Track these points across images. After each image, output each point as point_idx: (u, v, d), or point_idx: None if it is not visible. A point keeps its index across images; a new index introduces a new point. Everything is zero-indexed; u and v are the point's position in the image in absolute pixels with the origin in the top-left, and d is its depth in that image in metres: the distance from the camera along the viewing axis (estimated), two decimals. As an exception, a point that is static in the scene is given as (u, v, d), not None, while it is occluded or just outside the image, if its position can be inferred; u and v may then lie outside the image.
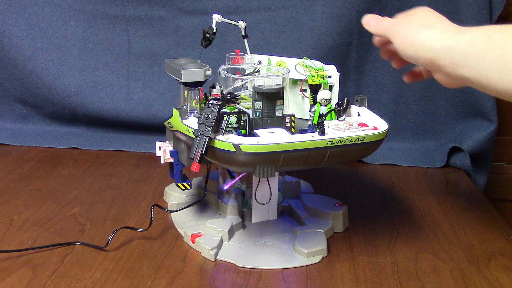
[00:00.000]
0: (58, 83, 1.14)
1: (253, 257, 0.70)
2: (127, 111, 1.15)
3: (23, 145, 1.13)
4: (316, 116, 0.72)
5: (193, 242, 0.72)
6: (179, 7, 1.12)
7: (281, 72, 0.71)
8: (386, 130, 0.68)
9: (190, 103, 0.70)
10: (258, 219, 0.78)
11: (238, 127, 0.69)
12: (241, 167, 0.65)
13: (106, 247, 0.71)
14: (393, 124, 1.04)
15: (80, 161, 1.05)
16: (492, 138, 1.07)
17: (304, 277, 0.66)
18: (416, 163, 1.08)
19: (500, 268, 0.69)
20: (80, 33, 1.14)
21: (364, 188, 0.96)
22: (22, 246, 0.71)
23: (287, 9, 1.09)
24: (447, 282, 0.66)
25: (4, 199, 0.86)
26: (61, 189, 0.91)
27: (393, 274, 0.67)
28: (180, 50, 1.14)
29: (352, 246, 0.74)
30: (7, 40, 1.13)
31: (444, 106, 1.11)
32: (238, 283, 0.64)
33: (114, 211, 0.83)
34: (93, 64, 1.15)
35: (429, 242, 0.76)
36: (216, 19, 0.75)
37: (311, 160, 0.64)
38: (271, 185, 0.76)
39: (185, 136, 0.69)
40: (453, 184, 1.00)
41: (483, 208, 0.89)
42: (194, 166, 0.62)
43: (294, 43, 1.09)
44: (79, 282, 0.63)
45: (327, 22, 1.07)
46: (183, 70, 0.67)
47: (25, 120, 1.20)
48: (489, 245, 0.75)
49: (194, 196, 0.85)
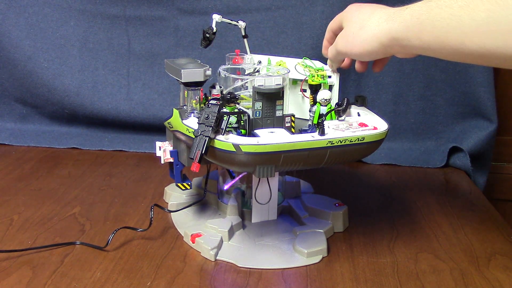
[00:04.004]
0: (58, 83, 1.14)
1: (253, 257, 0.70)
2: (127, 111, 1.15)
3: (23, 145, 1.13)
4: (316, 116, 0.72)
5: (193, 242, 0.72)
6: (179, 7, 1.12)
7: (281, 72, 0.71)
8: (386, 130, 0.68)
9: (190, 103, 0.70)
10: (258, 219, 0.78)
11: (238, 127, 0.69)
12: (241, 167, 0.65)
13: (106, 247, 0.71)
14: (393, 124, 1.04)
15: (80, 161, 1.05)
16: (492, 138, 1.07)
17: (304, 277, 0.66)
18: (416, 163, 1.08)
19: (500, 268, 0.69)
20: (80, 33, 1.14)
21: (364, 188, 0.96)
22: (22, 246, 0.71)
23: (287, 9, 1.09)
24: (447, 282, 0.66)
25: (4, 199, 0.86)
26: (61, 189, 0.91)
27: (393, 274, 0.67)
28: (180, 50, 1.14)
29: (352, 246, 0.74)
30: (7, 40, 1.13)
31: (444, 106, 1.11)
32: (238, 283, 0.64)
33: (114, 211, 0.83)
34: (93, 64, 1.15)
35: (429, 242, 0.76)
36: (216, 19, 0.75)
37: (311, 160, 0.64)
38: (271, 185, 0.76)
39: (185, 136, 0.69)
40: (453, 184, 1.00)
41: (483, 208, 0.89)
42: (194, 166, 0.62)
43: (294, 43, 1.09)
44: (79, 282, 0.63)
45: (327, 22, 1.05)
46: (183, 70, 0.67)
47: (25, 120, 1.20)
48: (489, 245, 0.75)
49: (194, 196, 0.86)
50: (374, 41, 0.59)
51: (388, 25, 0.57)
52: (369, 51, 0.61)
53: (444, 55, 0.53)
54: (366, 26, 0.60)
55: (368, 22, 0.60)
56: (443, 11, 0.50)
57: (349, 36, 0.62)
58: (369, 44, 0.60)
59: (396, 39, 0.57)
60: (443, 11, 0.50)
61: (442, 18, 0.50)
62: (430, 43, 0.53)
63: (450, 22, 0.50)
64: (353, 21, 0.63)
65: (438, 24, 0.51)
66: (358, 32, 0.61)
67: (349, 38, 0.62)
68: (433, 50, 0.54)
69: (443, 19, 0.50)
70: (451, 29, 0.50)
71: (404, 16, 0.55)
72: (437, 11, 0.51)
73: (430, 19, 0.52)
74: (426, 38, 0.53)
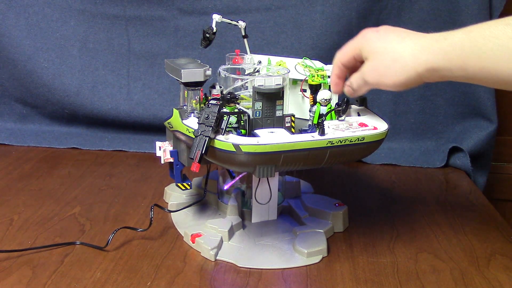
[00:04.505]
0: (58, 83, 1.14)
1: (253, 257, 0.69)
2: (127, 111, 1.15)
3: (23, 145, 1.13)
4: (316, 116, 0.72)
5: (193, 242, 0.72)
6: (179, 7, 1.12)
7: (281, 72, 0.71)
8: (386, 130, 0.68)
9: (190, 103, 0.70)
10: (258, 219, 0.78)
11: (238, 127, 0.69)
12: (241, 167, 0.65)
13: (106, 247, 0.71)
14: (393, 124, 1.05)
15: (80, 161, 1.05)
16: (492, 138, 1.07)
17: (304, 277, 0.66)
18: (416, 163, 1.07)
19: (500, 268, 0.69)
20: (80, 33, 1.14)
21: (364, 188, 0.96)
22: (22, 246, 0.71)
23: (287, 9, 1.09)
24: (447, 282, 0.66)
25: (4, 199, 0.86)
26: (61, 189, 0.91)
27: (393, 274, 0.67)
28: (180, 50, 1.14)
29: (352, 246, 0.74)
30: (7, 40, 1.13)
31: (444, 106, 1.11)
32: (238, 283, 0.64)
33: (114, 211, 0.83)
34: (93, 64, 1.15)
35: (429, 242, 0.76)
36: (216, 19, 0.75)
37: (311, 160, 0.64)
38: (271, 185, 0.76)
39: (185, 136, 0.69)
40: (453, 184, 1.00)
41: (483, 208, 0.89)
42: (194, 166, 0.62)
43: (294, 43, 1.09)
44: (79, 282, 0.63)
45: (327, 22, 1.07)
46: (183, 70, 0.67)
47: (25, 120, 1.20)
48: (489, 245, 0.75)
49: (194, 196, 0.85)
50: (410, 73, 0.58)
51: (426, 57, 0.56)
52: (404, 83, 0.59)
53: (490, 83, 0.54)
54: (400, 58, 0.58)
55: (402, 53, 0.58)
56: (490, 42, 0.50)
57: (380, 69, 0.60)
58: (406, 76, 0.58)
59: (436, 70, 0.56)
60: (490, 42, 0.50)
61: (489, 49, 0.51)
62: (476, 73, 0.53)
63: (500, 54, 0.50)
64: (380, 53, 0.60)
65: (485, 56, 0.51)
66: (392, 65, 0.58)
67: (381, 70, 0.59)
68: (478, 79, 0.54)
69: (490, 50, 0.50)
70: (501, 60, 0.50)
71: (445, 48, 0.54)
72: (482, 42, 0.51)
73: (475, 51, 0.52)
74: (471, 70, 0.53)
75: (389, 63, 0.59)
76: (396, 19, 1.07)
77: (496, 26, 0.51)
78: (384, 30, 0.61)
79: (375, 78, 0.61)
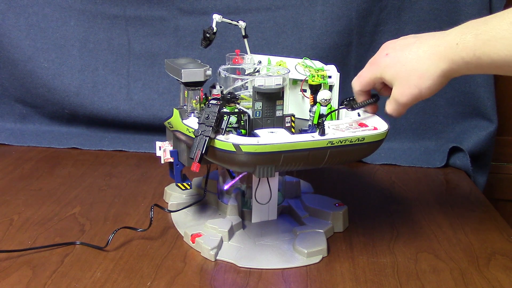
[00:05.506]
0: (58, 83, 1.14)
1: (253, 257, 0.69)
2: (127, 111, 1.15)
3: (23, 145, 1.13)
4: (316, 116, 0.72)
5: (193, 242, 0.72)
6: (179, 7, 1.12)
7: (281, 72, 0.71)
8: (386, 130, 0.68)
9: (190, 103, 0.70)
10: (258, 219, 0.78)
11: (238, 127, 0.69)
12: (241, 167, 0.65)
13: (106, 247, 0.71)
14: (393, 124, 1.04)
15: (80, 161, 1.05)
16: (492, 138, 1.07)
17: (304, 277, 0.66)
18: (416, 163, 1.08)
19: (500, 268, 0.69)
20: (80, 33, 1.14)
21: (364, 188, 0.96)
22: (22, 246, 0.71)
23: (287, 9, 1.09)
24: (447, 282, 0.66)
25: (4, 199, 0.86)
26: (61, 189, 0.91)
27: (393, 274, 0.67)
28: (180, 50, 1.14)
29: (352, 246, 0.74)
30: (7, 40, 1.13)
31: (444, 106, 1.11)
32: (238, 283, 0.64)
33: (114, 211, 0.83)
34: (93, 64, 1.15)
35: (429, 242, 0.76)
36: (216, 19, 0.75)
37: (311, 160, 0.64)
38: (271, 185, 0.76)
39: (185, 136, 0.69)
40: (453, 184, 1.00)
41: (483, 208, 0.89)
42: (194, 166, 0.62)
43: (294, 43, 1.09)
44: (79, 282, 0.63)
45: (327, 22, 1.07)
46: (183, 70, 0.67)
47: (25, 120, 1.20)
48: (489, 245, 0.75)
49: (194, 196, 0.85)
50: (437, 80, 0.61)
51: (446, 65, 0.60)
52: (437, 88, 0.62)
53: None
54: (425, 74, 0.61)
55: (425, 68, 0.61)
56: (498, 43, 0.54)
57: (412, 89, 0.62)
58: (438, 84, 0.62)
59: (456, 71, 0.60)
60: (498, 43, 0.54)
61: (499, 50, 0.54)
62: (490, 68, 0.58)
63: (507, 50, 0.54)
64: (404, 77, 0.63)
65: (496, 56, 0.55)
66: (420, 82, 0.61)
67: (412, 91, 0.62)
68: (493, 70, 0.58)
69: (500, 50, 0.54)
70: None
71: (459, 53, 0.58)
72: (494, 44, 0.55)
73: (486, 52, 0.56)
74: (487, 67, 0.57)
75: (417, 82, 0.62)
76: (396, 19, 1.07)
77: (500, 26, 0.54)
78: (400, 50, 0.64)
79: (410, 98, 0.63)
